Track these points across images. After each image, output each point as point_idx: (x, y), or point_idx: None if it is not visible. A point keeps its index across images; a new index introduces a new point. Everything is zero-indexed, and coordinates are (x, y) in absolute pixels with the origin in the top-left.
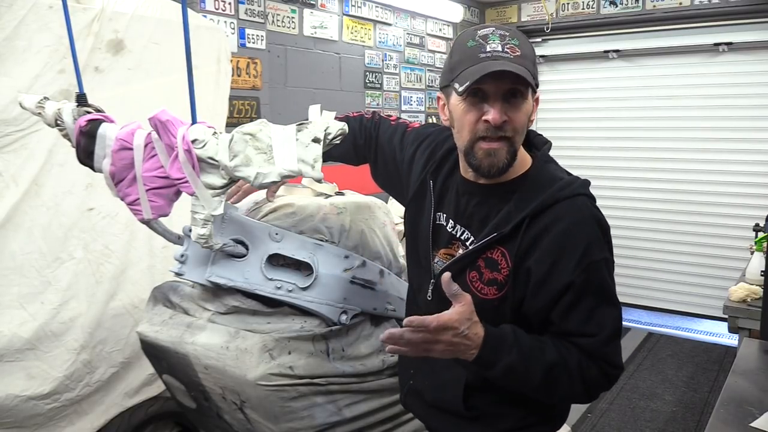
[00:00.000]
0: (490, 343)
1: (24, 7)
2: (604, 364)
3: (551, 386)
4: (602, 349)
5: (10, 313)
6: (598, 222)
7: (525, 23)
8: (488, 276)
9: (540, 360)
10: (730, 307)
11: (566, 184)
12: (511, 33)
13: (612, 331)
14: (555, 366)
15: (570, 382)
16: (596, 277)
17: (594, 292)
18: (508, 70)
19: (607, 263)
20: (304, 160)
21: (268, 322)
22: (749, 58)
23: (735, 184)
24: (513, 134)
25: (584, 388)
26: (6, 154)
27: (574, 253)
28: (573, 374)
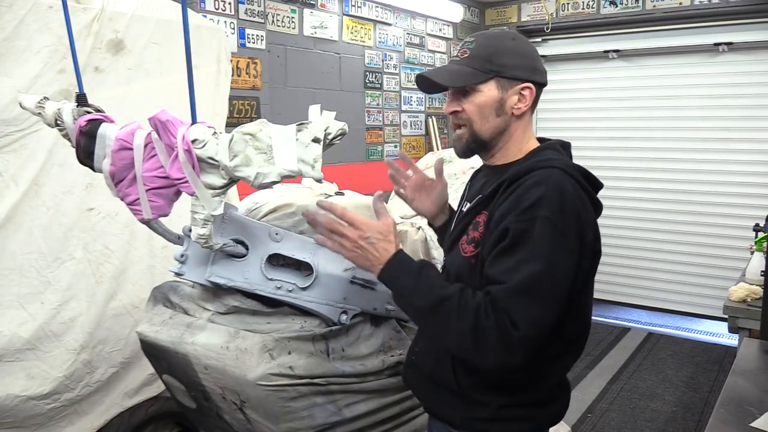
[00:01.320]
0: (394, 263)
1: (24, 7)
2: (504, 317)
3: (439, 319)
4: (506, 299)
5: (10, 313)
6: (560, 189)
7: (525, 23)
8: (471, 236)
9: (435, 290)
10: (730, 307)
11: (547, 158)
12: (475, 38)
13: (523, 283)
14: (447, 299)
15: (460, 321)
16: (533, 231)
17: (524, 245)
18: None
19: (553, 225)
20: (304, 160)
21: (268, 322)
22: (749, 58)
23: (735, 184)
24: (467, 122)
25: (474, 335)
26: (6, 154)
27: (523, 204)
28: (464, 314)
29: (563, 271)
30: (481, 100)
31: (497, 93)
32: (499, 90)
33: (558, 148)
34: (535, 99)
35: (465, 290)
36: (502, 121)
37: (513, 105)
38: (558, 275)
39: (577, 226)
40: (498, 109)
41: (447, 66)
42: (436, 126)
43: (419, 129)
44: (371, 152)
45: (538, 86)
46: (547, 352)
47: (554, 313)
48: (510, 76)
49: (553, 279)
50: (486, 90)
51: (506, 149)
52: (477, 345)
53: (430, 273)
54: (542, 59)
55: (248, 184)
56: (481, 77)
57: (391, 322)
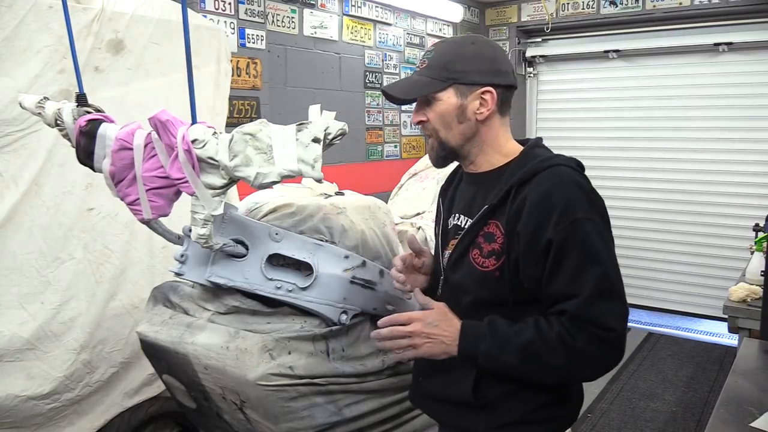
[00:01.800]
0: (469, 333)
1: (24, 7)
2: (592, 327)
3: (534, 364)
4: (587, 310)
5: (10, 313)
6: (578, 184)
7: (525, 23)
8: (487, 249)
9: (515, 340)
10: (730, 307)
11: (548, 158)
12: (435, 47)
13: (596, 289)
14: (531, 344)
15: (553, 357)
16: (577, 236)
17: (576, 251)
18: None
19: (593, 223)
20: (304, 160)
21: (268, 322)
22: (749, 58)
23: (735, 184)
24: (433, 132)
25: (574, 361)
26: (6, 154)
27: (553, 212)
28: (555, 348)
29: (615, 259)
30: (441, 109)
31: (456, 100)
32: (458, 97)
33: (543, 145)
34: (502, 101)
35: (539, 325)
36: (467, 128)
37: (475, 110)
38: (616, 265)
39: (605, 213)
40: (459, 116)
41: (408, 78)
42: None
43: (419, 129)
44: (371, 152)
45: (503, 89)
46: None
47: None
48: (468, 81)
49: (615, 271)
50: (445, 98)
51: (485, 155)
52: (579, 369)
53: (500, 326)
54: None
55: (248, 184)
56: (438, 86)
57: None
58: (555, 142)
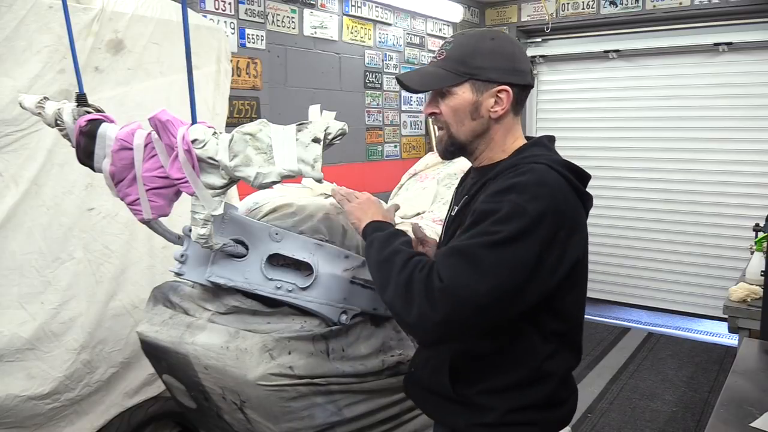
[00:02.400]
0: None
1: (24, 7)
2: (434, 271)
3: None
4: (441, 257)
5: (10, 313)
6: (540, 180)
7: (525, 23)
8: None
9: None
10: (730, 307)
11: (533, 155)
12: (454, 39)
13: (463, 248)
14: (398, 253)
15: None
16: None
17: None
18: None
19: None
20: (304, 160)
21: (268, 322)
22: (749, 58)
23: (735, 184)
24: (446, 124)
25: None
26: (6, 154)
27: (495, 190)
28: (405, 268)
29: (519, 256)
30: (455, 103)
31: (472, 96)
32: (474, 93)
33: (545, 143)
34: (516, 101)
35: (416, 254)
36: (479, 125)
37: (489, 108)
38: (509, 257)
39: (554, 217)
40: (473, 113)
41: (424, 68)
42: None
43: (419, 129)
44: (371, 152)
45: (520, 88)
46: (536, 349)
47: (490, 288)
48: (485, 78)
49: (499, 257)
50: (460, 93)
51: (489, 151)
52: (405, 296)
53: (399, 236)
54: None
55: (248, 184)
56: (454, 80)
57: (391, 322)
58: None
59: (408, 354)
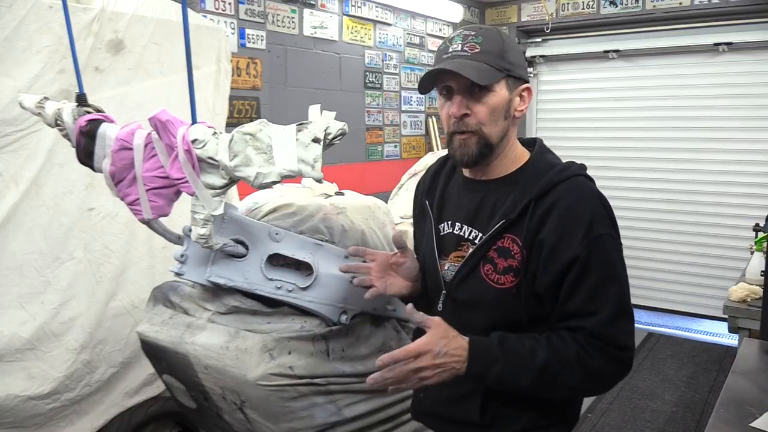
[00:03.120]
0: (476, 354)
1: (24, 7)
2: (609, 347)
3: (549, 385)
4: (606, 330)
5: (10, 313)
6: (599, 198)
7: (525, 23)
8: (503, 265)
9: (530, 363)
10: (730, 307)
11: (564, 167)
12: (478, 32)
13: (616, 309)
14: (548, 366)
15: (570, 377)
16: (600, 253)
17: (597, 268)
18: (446, 68)
19: (612, 239)
20: (304, 160)
21: (268, 322)
22: (749, 58)
23: (735, 184)
24: (478, 126)
25: (589, 380)
26: (6, 154)
27: (579, 228)
28: (572, 369)
29: (627, 276)
30: (494, 101)
31: (507, 94)
32: (508, 90)
33: (548, 149)
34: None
35: (553, 345)
36: (508, 124)
37: (516, 107)
38: (628, 283)
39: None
40: (506, 111)
41: (457, 61)
42: (436, 126)
43: (419, 129)
44: (371, 152)
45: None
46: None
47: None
48: (517, 75)
49: (628, 289)
50: (499, 90)
51: (503, 157)
52: (596, 386)
53: (513, 347)
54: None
55: (248, 184)
56: (498, 75)
57: (391, 322)
58: (555, 142)
59: None
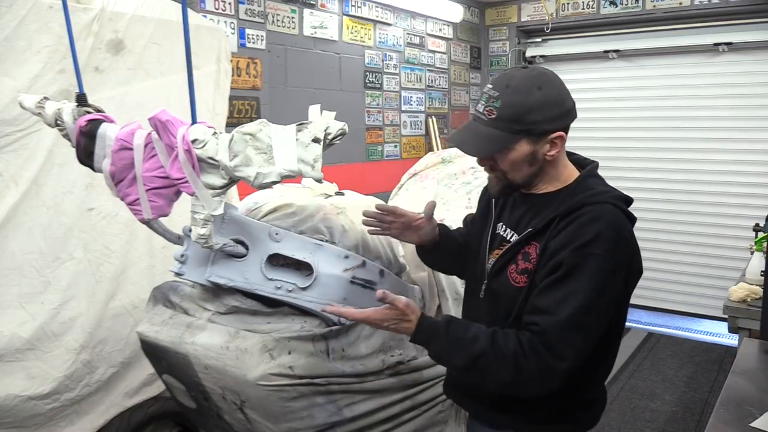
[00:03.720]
0: (423, 330)
1: (24, 7)
2: (546, 353)
3: (480, 373)
4: (556, 333)
5: (10, 313)
6: (615, 227)
7: (525, 23)
8: (522, 266)
9: (467, 349)
10: (730, 307)
11: (598, 193)
12: (502, 92)
13: (572, 317)
14: (482, 356)
15: (500, 372)
16: (587, 267)
17: (576, 278)
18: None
19: (606, 264)
20: (304, 160)
21: (268, 322)
22: (749, 58)
23: (735, 184)
24: (500, 173)
25: (518, 380)
26: (6, 154)
27: (580, 239)
28: (505, 364)
29: (608, 304)
30: (513, 157)
31: (529, 148)
32: (531, 144)
33: (597, 174)
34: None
35: (496, 338)
36: (537, 168)
37: (545, 153)
38: (602, 309)
39: (628, 261)
40: (531, 161)
41: (474, 128)
42: (436, 126)
43: (419, 129)
44: (371, 152)
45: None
46: (590, 361)
47: (594, 343)
48: (540, 131)
49: (598, 312)
50: (518, 147)
51: (545, 183)
52: (519, 386)
53: (456, 330)
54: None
55: (248, 184)
56: (512, 140)
57: None
58: None
59: (408, 353)
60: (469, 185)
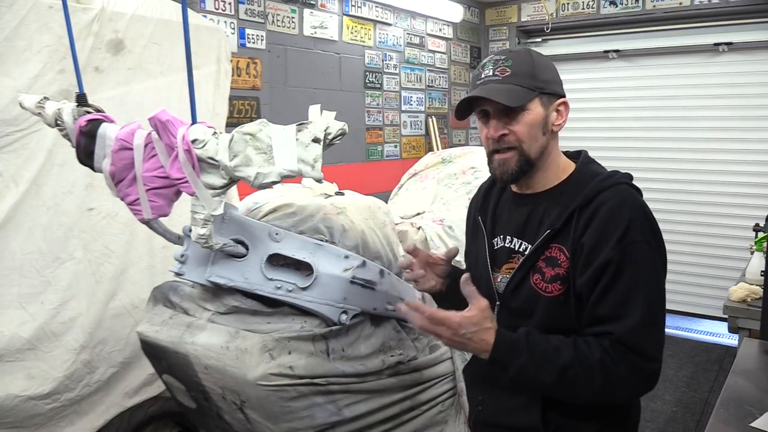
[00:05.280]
0: (501, 348)
1: (24, 7)
2: (634, 356)
3: (569, 387)
4: (632, 336)
5: (10, 313)
6: (642, 206)
7: (525, 23)
8: (550, 274)
9: (553, 362)
10: (730, 307)
11: (608, 176)
12: (507, 56)
13: (644, 316)
14: (570, 367)
15: (591, 382)
16: (633, 258)
17: (629, 274)
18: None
19: (650, 247)
20: (304, 160)
21: (268, 322)
22: (749, 58)
23: (735, 184)
24: (518, 143)
25: (611, 388)
26: (6, 154)
27: (615, 232)
28: (594, 374)
29: (663, 287)
30: (530, 119)
31: (543, 110)
32: (543, 107)
33: (593, 159)
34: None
35: (579, 348)
36: (546, 140)
37: (553, 122)
38: (662, 294)
39: (662, 239)
40: (544, 127)
41: (492, 85)
42: (436, 126)
43: (419, 129)
44: (371, 152)
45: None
46: None
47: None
48: (551, 91)
49: (662, 299)
50: (534, 108)
51: (545, 171)
52: (614, 394)
53: (538, 342)
54: None
55: (248, 184)
56: (530, 95)
57: (391, 322)
58: None
59: (408, 354)
60: (469, 185)
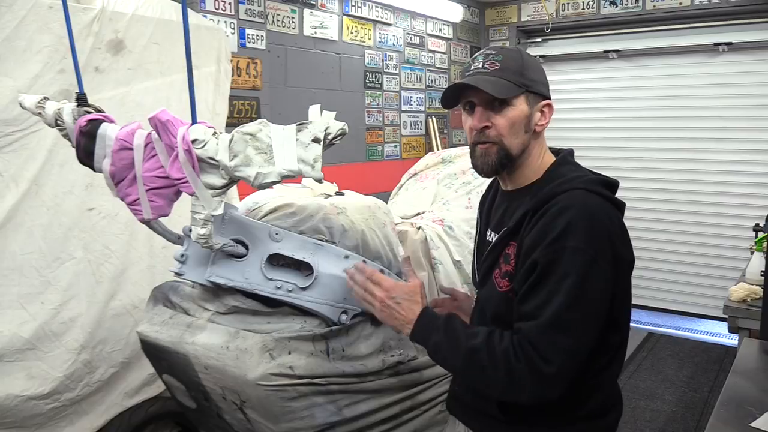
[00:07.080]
0: (422, 321)
1: (24, 7)
2: (534, 354)
3: (476, 372)
4: (537, 335)
5: (10, 313)
6: (587, 213)
7: (525, 23)
8: (504, 269)
9: (463, 344)
10: (730, 307)
11: (568, 179)
12: (498, 51)
13: (552, 318)
14: (477, 351)
15: (495, 372)
16: (559, 263)
17: (553, 277)
18: (466, 83)
19: (581, 255)
20: (304, 160)
21: (268, 322)
22: (749, 58)
23: (735, 184)
24: (498, 138)
25: (510, 381)
26: (6, 154)
27: (550, 234)
28: (497, 363)
29: (595, 298)
30: (513, 115)
31: (527, 108)
32: (528, 105)
33: (571, 161)
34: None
35: (492, 337)
36: (528, 138)
37: (536, 122)
38: (589, 304)
39: (611, 248)
40: (526, 125)
41: (480, 77)
42: (436, 126)
43: (419, 129)
44: (371, 152)
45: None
46: (594, 366)
47: (588, 342)
48: (537, 91)
49: (584, 309)
50: (518, 104)
51: (523, 168)
52: (512, 388)
53: (456, 326)
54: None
55: (248, 184)
56: (517, 91)
57: None
58: (555, 142)
59: (408, 353)
60: (469, 185)
